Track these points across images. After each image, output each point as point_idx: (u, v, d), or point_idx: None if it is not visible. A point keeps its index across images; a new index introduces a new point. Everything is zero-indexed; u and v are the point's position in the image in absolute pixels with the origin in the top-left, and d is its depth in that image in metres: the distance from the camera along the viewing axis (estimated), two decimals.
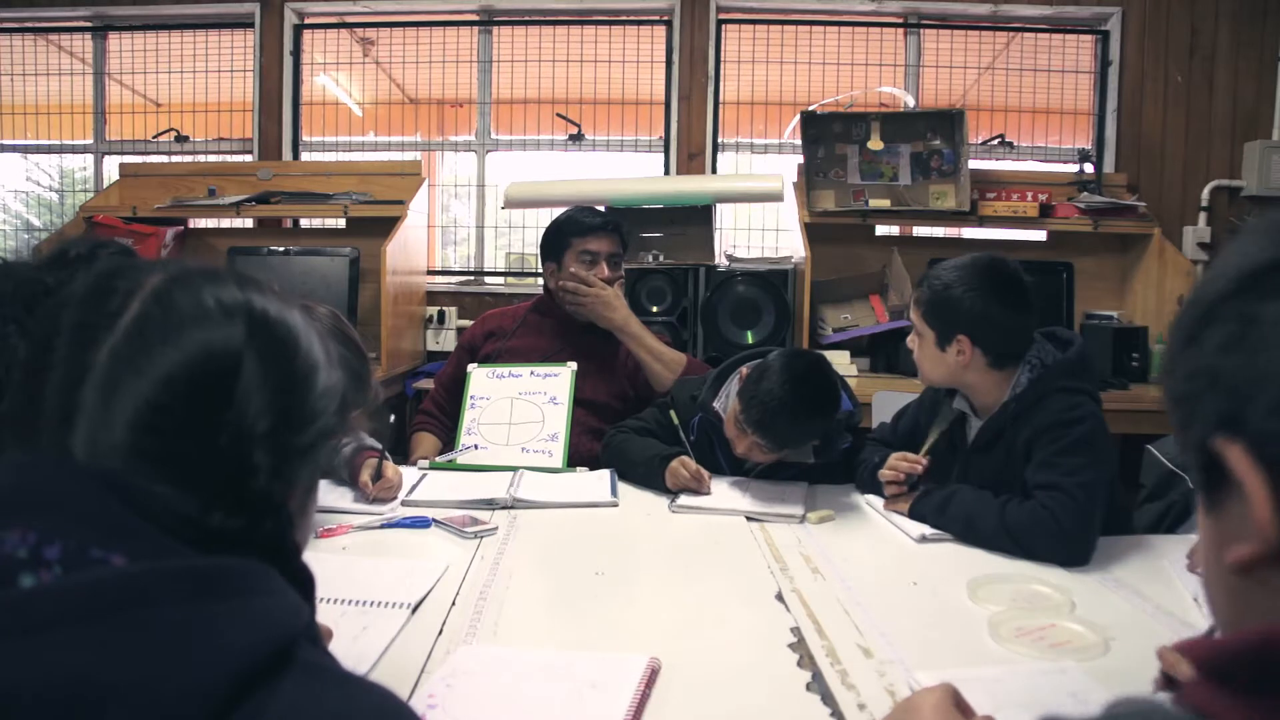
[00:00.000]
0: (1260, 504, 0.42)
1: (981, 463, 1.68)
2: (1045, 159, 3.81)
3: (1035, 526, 1.47)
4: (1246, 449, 0.42)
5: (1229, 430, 0.43)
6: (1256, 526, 0.42)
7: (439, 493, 1.79)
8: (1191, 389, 0.45)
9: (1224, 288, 0.45)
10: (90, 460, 0.54)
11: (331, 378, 0.64)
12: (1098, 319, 3.32)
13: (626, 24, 3.83)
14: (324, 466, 0.66)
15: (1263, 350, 0.41)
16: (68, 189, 4.34)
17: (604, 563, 1.45)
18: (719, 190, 3.38)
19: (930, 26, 3.78)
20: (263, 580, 0.53)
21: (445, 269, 4.12)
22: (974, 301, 1.62)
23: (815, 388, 1.77)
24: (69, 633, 0.45)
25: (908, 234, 3.68)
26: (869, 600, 1.29)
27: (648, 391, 2.34)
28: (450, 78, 3.94)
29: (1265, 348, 0.41)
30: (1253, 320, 0.42)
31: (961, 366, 1.65)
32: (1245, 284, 0.43)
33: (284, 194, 3.55)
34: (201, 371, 0.56)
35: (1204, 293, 0.46)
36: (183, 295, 0.58)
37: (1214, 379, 0.43)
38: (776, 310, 3.08)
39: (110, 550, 0.50)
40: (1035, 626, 1.17)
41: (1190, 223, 3.58)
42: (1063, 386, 1.59)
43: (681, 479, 1.83)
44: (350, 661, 1.00)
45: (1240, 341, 0.42)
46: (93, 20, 3.99)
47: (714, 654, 1.10)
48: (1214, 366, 0.44)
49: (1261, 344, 0.41)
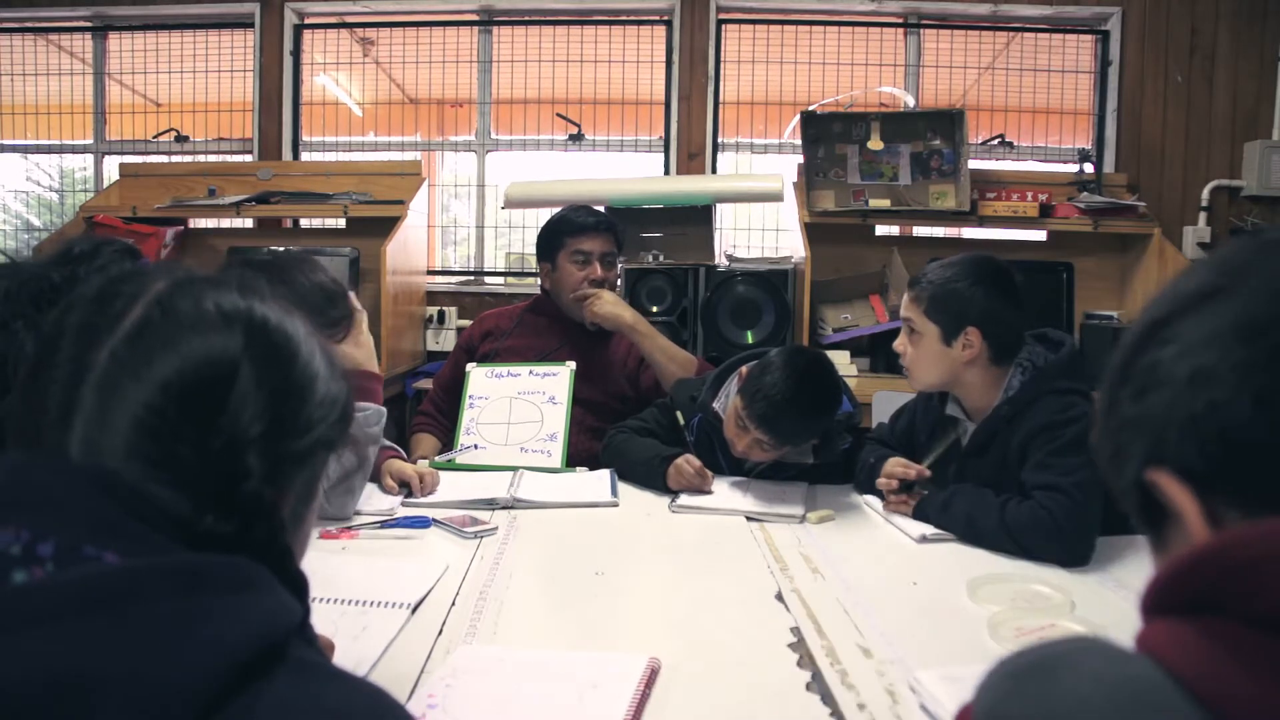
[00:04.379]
0: (1195, 522, 0.46)
1: (977, 466, 1.68)
2: (1045, 159, 3.81)
3: (1034, 526, 1.47)
4: (1172, 473, 0.47)
5: (1155, 461, 0.48)
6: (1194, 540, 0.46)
7: (439, 493, 1.79)
8: (1120, 442, 0.51)
9: (1126, 349, 0.52)
10: (86, 460, 0.55)
11: (332, 388, 0.64)
12: (1098, 319, 3.32)
13: (626, 24, 3.83)
14: (323, 473, 0.66)
15: (1166, 384, 0.47)
16: (68, 189, 4.33)
17: (604, 563, 1.45)
18: (719, 190, 3.38)
19: (930, 26, 3.78)
20: (256, 578, 0.53)
21: (445, 269, 4.12)
22: (981, 294, 1.64)
23: (818, 383, 1.77)
24: (60, 627, 0.45)
25: (908, 234, 3.68)
26: (869, 600, 1.28)
27: (647, 391, 2.34)
28: (450, 78, 3.94)
29: (1169, 382, 0.47)
30: (1153, 366, 0.49)
31: (964, 362, 1.66)
32: (1141, 341, 0.50)
33: (284, 194, 3.55)
34: (197, 377, 0.56)
35: (1114, 360, 0.53)
36: (185, 301, 0.59)
37: (1136, 425, 0.49)
38: (776, 310, 3.08)
39: (103, 548, 0.50)
40: (1035, 626, 1.17)
41: (1190, 223, 3.58)
42: (1055, 388, 1.59)
43: (686, 476, 1.83)
44: (350, 662, 1.01)
45: (1148, 387, 0.49)
46: (93, 20, 3.99)
47: (714, 654, 1.10)
48: (1133, 416, 0.50)
49: (1166, 380, 0.47)
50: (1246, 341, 0.45)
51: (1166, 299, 0.50)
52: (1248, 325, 0.45)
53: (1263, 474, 0.44)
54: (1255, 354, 0.44)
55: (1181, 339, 0.47)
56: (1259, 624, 0.41)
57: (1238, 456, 0.44)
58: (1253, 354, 0.44)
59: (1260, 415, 0.43)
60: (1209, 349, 0.46)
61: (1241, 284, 0.47)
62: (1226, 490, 0.45)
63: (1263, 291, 0.46)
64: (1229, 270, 0.48)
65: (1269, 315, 0.45)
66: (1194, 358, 0.46)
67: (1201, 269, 0.50)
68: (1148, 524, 0.52)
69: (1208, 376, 0.45)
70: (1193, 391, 0.46)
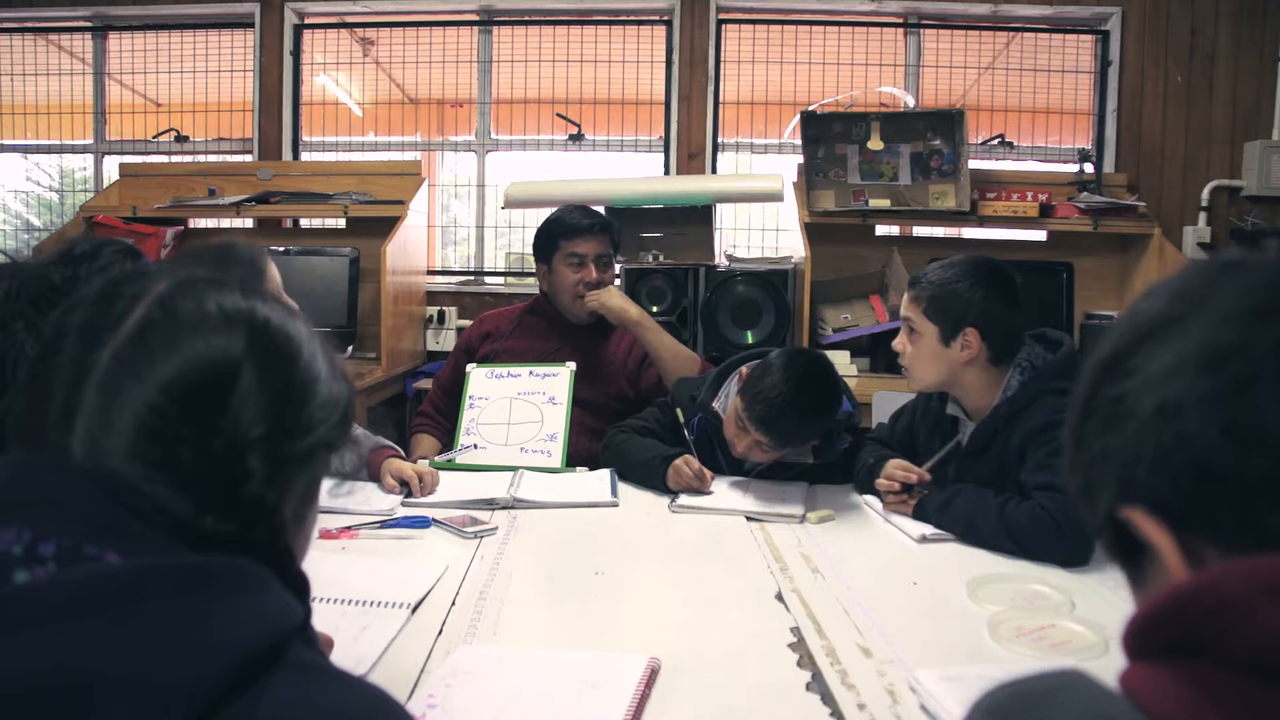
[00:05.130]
0: (1172, 559, 0.45)
1: (976, 466, 1.68)
2: (1045, 159, 3.81)
3: (1034, 527, 1.47)
4: (1145, 509, 0.46)
5: (1126, 498, 0.47)
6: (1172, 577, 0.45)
7: (439, 493, 1.79)
8: (1089, 477, 0.50)
9: (1088, 384, 0.51)
10: (88, 460, 0.55)
11: (333, 390, 0.64)
12: (1098, 319, 3.32)
13: (626, 24, 3.82)
14: (327, 474, 0.67)
15: (1132, 418, 0.46)
16: (68, 189, 4.33)
17: (604, 563, 1.45)
18: (719, 190, 3.38)
19: (930, 26, 3.78)
20: (257, 578, 0.53)
21: (445, 269, 4.12)
22: (980, 295, 1.65)
23: (818, 385, 1.77)
24: (61, 627, 0.45)
25: (908, 234, 3.68)
26: (869, 600, 1.29)
27: (647, 392, 2.34)
28: (450, 78, 3.94)
29: (1134, 415, 0.46)
30: (1118, 399, 0.48)
31: (963, 363, 1.66)
32: (1104, 373, 0.50)
33: (284, 194, 3.55)
34: (199, 378, 0.56)
35: (1076, 394, 0.52)
36: (187, 302, 0.59)
37: (1105, 459, 0.48)
38: (776, 310, 3.08)
39: (105, 548, 0.50)
40: (1035, 626, 1.17)
41: (1190, 223, 3.58)
42: (1054, 388, 1.60)
43: (685, 477, 1.83)
44: (350, 662, 1.01)
45: (1113, 420, 0.48)
46: (93, 20, 3.99)
47: (714, 654, 1.10)
48: (1101, 449, 0.49)
49: (1130, 413, 0.47)
50: (1210, 371, 0.44)
51: (1126, 328, 0.50)
52: (1209, 354, 0.44)
53: (1236, 507, 0.43)
54: (1219, 384, 0.43)
55: (1144, 370, 0.47)
56: (1236, 668, 0.40)
57: (1210, 490, 0.43)
58: (1217, 384, 0.43)
59: (1229, 447, 0.42)
60: (1173, 380, 0.45)
61: (1200, 311, 0.46)
62: (1202, 525, 0.44)
63: (1222, 318, 0.45)
64: (1187, 296, 0.47)
65: (1229, 343, 0.44)
66: (1159, 390, 0.45)
67: (1160, 295, 0.49)
68: (1124, 560, 0.51)
69: (1174, 409, 0.44)
70: (1160, 425, 0.45)
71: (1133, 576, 0.52)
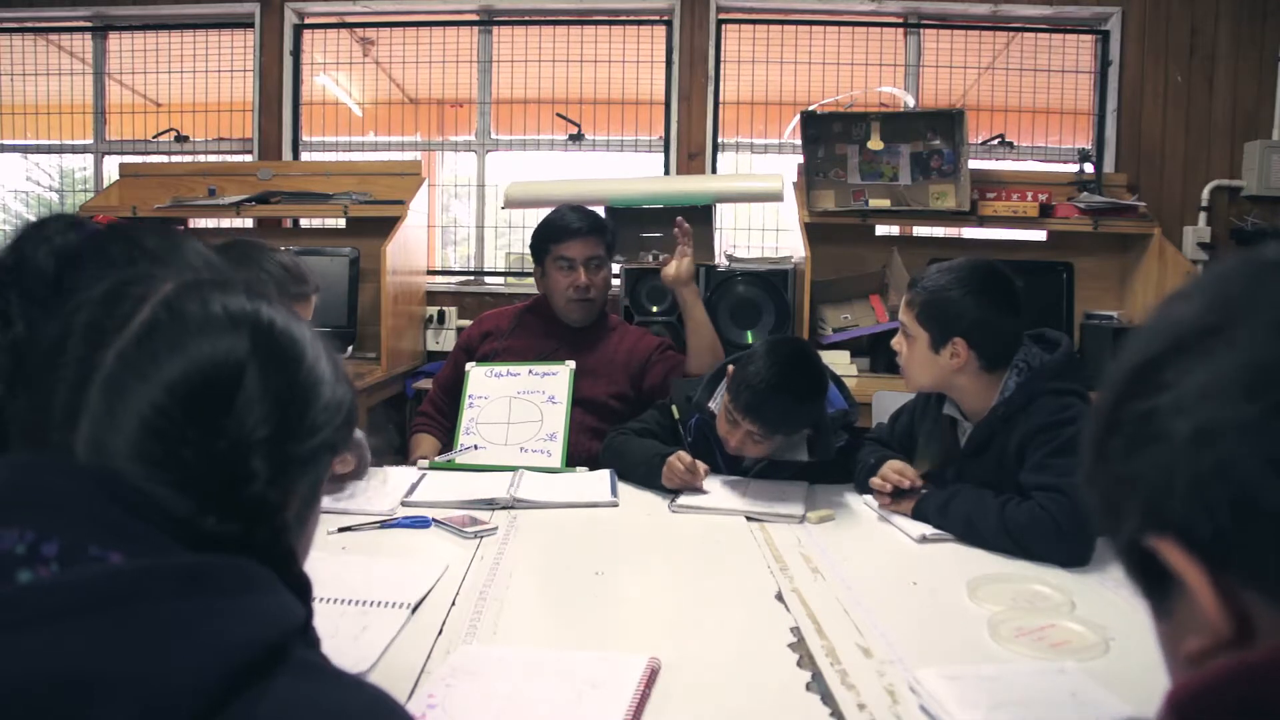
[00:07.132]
0: (1206, 598, 0.41)
1: (974, 467, 1.68)
2: (1045, 159, 3.81)
3: (1034, 527, 1.47)
4: (1178, 543, 0.42)
5: (1156, 528, 0.43)
6: (1206, 619, 0.42)
7: (439, 493, 1.79)
8: (1113, 498, 0.46)
9: (1114, 394, 0.46)
10: (91, 460, 0.55)
11: (337, 393, 0.64)
12: (1098, 319, 3.32)
13: (626, 24, 3.83)
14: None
15: (1162, 440, 0.42)
16: (68, 189, 4.33)
17: (604, 563, 1.45)
18: (719, 190, 3.38)
19: (930, 26, 3.78)
20: (259, 579, 0.54)
21: (445, 269, 4.12)
22: (971, 304, 1.63)
23: (800, 368, 1.78)
24: (64, 627, 0.45)
25: (908, 234, 3.68)
26: (869, 600, 1.29)
27: (648, 392, 2.34)
28: (450, 78, 3.94)
29: (1165, 437, 0.42)
30: (1147, 416, 0.43)
31: (953, 370, 1.66)
32: (1131, 386, 0.45)
33: (284, 194, 3.55)
34: (204, 379, 0.56)
35: (1100, 402, 0.48)
36: (192, 303, 0.59)
37: (1131, 483, 0.44)
38: (776, 310, 3.08)
39: (108, 548, 0.50)
40: (1035, 626, 1.17)
41: (1190, 223, 3.58)
42: (1052, 388, 1.60)
43: (677, 473, 1.83)
44: (350, 662, 1.01)
45: (1141, 441, 0.43)
46: (93, 20, 3.99)
47: (714, 654, 1.11)
48: (1127, 473, 0.44)
49: (1161, 434, 0.42)
50: (1254, 395, 0.39)
51: (1157, 334, 0.45)
52: (1254, 375, 0.39)
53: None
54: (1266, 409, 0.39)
55: (1178, 387, 0.42)
56: None
57: (1252, 529, 0.39)
58: (1263, 411, 0.39)
59: (1275, 482, 0.38)
60: (1212, 403, 0.40)
61: (1242, 322, 0.41)
62: (1244, 567, 0.40)
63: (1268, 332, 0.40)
64: (1226, 304, 0.43)
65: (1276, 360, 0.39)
66: (1194, 412, 0.41)
67: (1195, 298, 0.45)
68: (1148, 587, 0.47)
69: (1212, 435, 0.40)
70: (1196, 452, 0.40)
71: (1156, 607, 0.48)
